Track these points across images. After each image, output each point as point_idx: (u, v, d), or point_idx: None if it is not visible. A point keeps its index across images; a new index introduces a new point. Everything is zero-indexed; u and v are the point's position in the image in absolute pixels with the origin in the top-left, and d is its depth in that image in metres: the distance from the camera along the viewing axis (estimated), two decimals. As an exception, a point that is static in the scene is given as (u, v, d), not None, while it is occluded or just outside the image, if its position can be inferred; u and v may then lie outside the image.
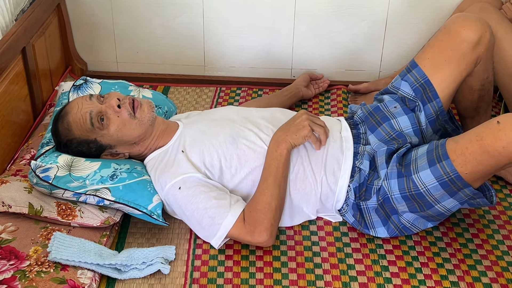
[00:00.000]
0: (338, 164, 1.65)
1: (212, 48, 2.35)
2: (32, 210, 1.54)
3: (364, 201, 1.62)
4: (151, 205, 1.59)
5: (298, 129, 1.61)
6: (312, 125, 1.61)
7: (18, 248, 1.47)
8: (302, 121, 1.62)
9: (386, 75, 2.33)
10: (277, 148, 1.60)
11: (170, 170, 1.61)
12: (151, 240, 1.63)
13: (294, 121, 1.64)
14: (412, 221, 1.60)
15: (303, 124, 1.61)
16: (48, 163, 1.58)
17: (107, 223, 1.58)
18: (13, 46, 1.85)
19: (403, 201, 1.55)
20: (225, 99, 2.28)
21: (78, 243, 1.49)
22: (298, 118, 1.63)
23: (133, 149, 1.67)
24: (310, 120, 1.62)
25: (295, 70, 2.38)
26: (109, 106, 1.61)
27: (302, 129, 1.60)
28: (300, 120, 1.62)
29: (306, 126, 1.60)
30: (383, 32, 2.28)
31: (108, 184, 1.58)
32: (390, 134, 1.67)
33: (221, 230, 1.54)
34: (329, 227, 1.67)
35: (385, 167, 1.59)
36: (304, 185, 1.64)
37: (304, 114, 1.64)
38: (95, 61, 2.40)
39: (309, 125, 1.61)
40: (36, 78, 2.03)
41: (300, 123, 1.62)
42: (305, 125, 1.61)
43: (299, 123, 1.62)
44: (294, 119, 1.65)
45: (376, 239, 1.63)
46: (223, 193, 1.58)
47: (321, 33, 2.30)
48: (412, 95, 1.69)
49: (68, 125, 1.61)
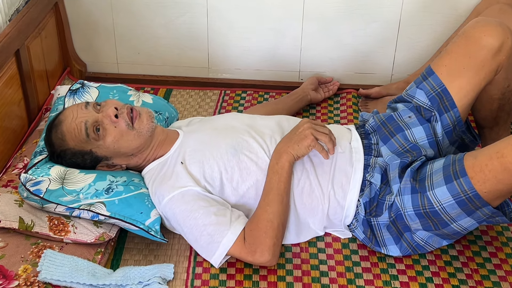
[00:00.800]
0: (346, 177, 1.56)
1: (216, 49, 2.27)
2: (23, 225, 1.47)
3: (375, 217, 1.53)
4: (148, 221, 1.50)
5: (300, 139, 1.52)
6: (316, 134, 1.52)
7: (6, 266, 1.39)
8: (304, 130, 1.53)
9: (399, 79, 2.25)
10: (278, 160, 1.51)
11: (168, 183, 1.52)
12: (148, 257, 1.55)
13: (296, 130, 1.55)
14: (426, 239, 1.51)
15: (305, 134, 1.52)
16: (40, 176, 1.49)
17: (102, 239, 1.49)
18: (5, 49, 1.77)
19: (417, 218, 1.46)
20: (230, 103, 2.19)
21: (71, 261, 1.42)
22: (300, 127, 1.54)
23: (130, 160, 1.59)
24: (313, 129, 1.53)
25: (303, 73, 2.30)
26: (106, 116, 1.52)
27: (304, 138, 1.51)
28: (302, 129, 1.53)
29: (309, 135, 1.51)
30: (395, 33, 2.19)
31: (103, 198, 1.50)
32: (403, 146, 1.57)
33: (220, 249, 1.45)
34: (337, 244, 1.58)
35: (398, 182, 1.50)
36: (310, 199, 1.55)
37: (307, 123, 1.54)
38: (94, 62, 2.34)
39: (312, 133, 1.51)
40: (31, 81, 1.96)
41: (302, 132, 1.53)
42: (307, 134, 1.51)
43: (301, 133, 1.53)
44: (296, 128, 1.55)
45: (388, 258, 1.55)
46: (223, 209, 1.49)
47: (331, 34, 2.22)
48: (428, 104, 1.60)
49: (62, 135, 1.53)
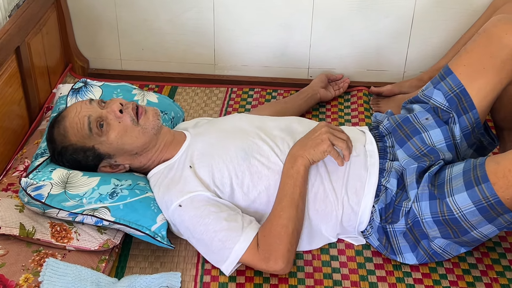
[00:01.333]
0: (361, 182, 1.50)
1: (223, 45, 2.21)
2: (24, 231, 1.41)
3: (391, 224, 1.47)
4: (154, 226, 1.45)
5: (316, 143, 1.46)
6: (333, 139, 1.46)
7: (7, 275, 1.34)
8: (321, 134, 1.47)
9: (411, 76, 2.19)
10: (293, 164, 1.45)
11: (176, 188, 1.46)
12: (154, 264, 1.49)
13: (312, 134, 1.49)
14: (443, 247, 1.45)
15: (322, 138, 1.46)
16: (41, 180, 1.43)
17: (106, 246, 1.44)
18: (5, 46, 1.71)
19: (435, 225, 1.40)
20: (237, 101, 2.13)
21: (74, 270, 1.36)
22: (317, 131, 1.48)
23: (134, 160, 1.53)
24: (330, 133, 1.47)
25: (312, 70, 2.23)
26: (110, 111, 1.47)
27: (320, 143, 1.45)
28: (319, 134, 1.47)
29: (326, 140, 1.45)
30: (408, 29, 2.12)
31: (108, 202, 1.44)
32: (421, 149, 1.51)
33: (232, 256, 1.39)
34: (351, 251, 1.53)
35: (416, 187, 1.43)
36: (324, 205, 1.49)
37: (324, 127, 1.48)
38: (97, 59, 2.28)
39: (328, 138, 1.45)
40: (32, 79, 1.89)
41: (319, 136, 1.47)
42: (324, 138, 1.45)
43: (318, 137, 1.47)
44: (313, 132, 1.49)
45: (404, 266, 1.49)
46: (234, 214, 1.43)
47: (341, 30, 2.15)
48: (446, 106, 1.53)
49: (64, 130, 1.48)
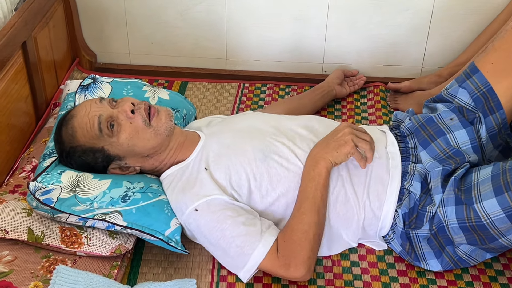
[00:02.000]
0: (383, 185, 1.44)
1: (234, 39, 2.15)
2: (32, 236, 1.35)
3: (415, 229, 1.41)
4: (168, 231, 1.39)
5: (339, 145, 1.40)
6: (356, 141, 1.40)
7: (15, 283, 1.28)
8: (344, 135, 1.41)
9: (429, 72, 2.13)
10: (315, 167, 1.39)
11: (191, 191, 1.40)
12: (168, 270, 1.44)
13: (335, 135, 1.43)
14: (469, 253, 1.40)
15: (346, 139, 1.40)
16: (50, 183, 1.38)
17: (118, 251, 1.38)
18: (12, 41, 1.65)
19: (461, 232, 1.35)
20: (249, 97, 2.07)
21: (85, 278, 1.30)
22: (340, 132, 1.42)
23: (145, 162, 1.47)
24: (354, 135, 1.41)
25: (327, 65, 2.17)
26: (122, 111, 1.41)
27: (344, 145, 1.39)
28: (342, 135, 1.41)
29: (349, 142, 1.39)
30: (427, 23, 2.06)
31: (119, 207, 1.38)
32: (445, 151, 1.45)
33: (251, 262, 1.34)
34: (372, 256, 1.47)
35: (441, 192, 1.37)
36: (345, 209, 1.43)
37: (347, 127, 1.42)
38: (105, 53, 2.22)
39: (352, 140, 1.40)
40: (39, 74, 1.84)
41: (342, 138, 1.41)
42: (348, 140, 1.40)
43: (341, 138, 1.41)
44: (335, 133, 1.43)
45: (428, 273, 1.43)
46: (252, 218, 1.38)
47: (357, 24, 2.09)
48: (472, 105, 1.47)
49: (72, 130, 1.42)
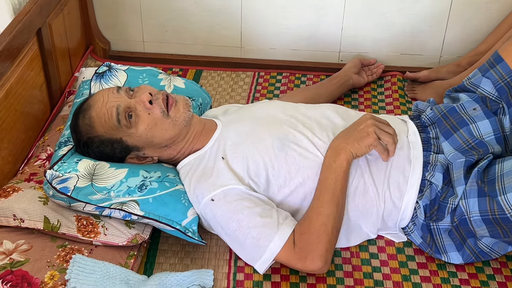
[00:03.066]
0: (404, 176, 1.42)
1: (250, 27, 2.13)
2: (48, 225, 1.35)
3: (436, 221, 1.39)
4: (185, 221, 1.38)
5: (361, 136, 1.37)
6: (379, 133, 1.38)
7: (31, 272, 1.27)
8: (366, 127, 1.38)
9: (448, 61, 2.10)
10: (336, 158, 1.37)
11: (208, 181, 1.39)
12: (184, 260, 1.43)
13: (357, 126, 1.40)
14: (491, 246, 1.37)
15: (368, 131, 1.38)
16: (67, 172, 1.37)
17: (135, 241, 1.37)
18: (27, 27, 1.63)
19: (484, 224, 1.32)
20: (264, 86, 2.05)
21: (102, 267, 1.29)
22: (362, 123, 1.40)
23: (163, 152, 1.45)
24: (376, 127, 1.38)
25: (343, 54, 2.14)
26: (139, 101, 1.40)
27: (366, 137, 1.37)
28: (365, 126, 1.39)
29: (371, 134, 1.37)
30: (447, 11, 2.02)
31: (136, 196, 1.37)
32: (468, 142, 1.42)
33: (267, 254, 1.32)
34: (391, 248, 1.45)
35: (463, 183, 1.35)
36: (364, 200, 1.41)
37: (370, 119, 1.40)
38: (119, 40, 2.20)
39: (374, 132, 1.37)
40: (53, 61, 1.82)
41: (364, 129, 1.38)
42: (370, 132, 1.37)
43: (363, 130, 1.38)
44: (357, 124, 1.41)
45: (449, 265, 1.41)
46: (269, 209, 1.36)
47: (375, 12, 2.06)
48: (495, 95, 1.44)
49: (90, 120, 1.40)
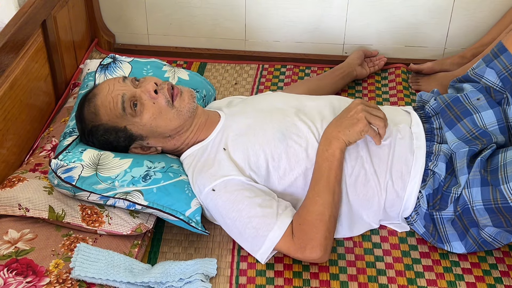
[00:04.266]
0: (407, 166, 1.44)
1: (254, 19, 2.14)
2: (53, 214, 1.37)
3: (439, 211, 1.40)
4: (189, 211, 1.40)
5: (352, 123, 1.39)
6: (369, 117, 1.39)
7: (36, 261, 1.30)
8: (356, 113, 1.40)
9: (452, 53, 2.11)
10: (328, 147, 1.39)
11: (209, 171, 1.41)
12: (188, 249, 1.45)
13: (347, 113, 1.42)
14: (494, 235, 1.38)
15: (358, 117, 1.39)
16: (71, 162, 1.39)
17: (139, 231, 1.39)
18: (32, 19, 1.65)
19: (487, 214, 1.33)
20: (268, 79, 2.06)
21: (106, 256, 1.32)
22: (352, 109, 1.41)
23: (167, 143, 1.47)
24: (367, 112, 1.40)
25: (347, 46, 2.15)
26: (145, 91, 1.42)
27: (356, 123, 1.38)
28: (355, 112, 1.40)
29: (362, 119, 1.38)
30: (451, 3, 2.04)
31: (141, 186, 1.39)
32: (472, 131, 1.43)
33: (267, 244, 1.34)
34: (394, 238, 1.47)
35: (466, 173, 1.36)
36: (365, 190, 1.43)
37: (360, 105, 1.41)
38: (123, 33, 2.22)
39: (365, 117, 1.38)
40: (58, 54, 1.84)
41: (354, 115, 1.40)
42: (360, 117, 1.39)
43: (353, 116, 1.40)
44: (348, 111, 1.43)
45: (451, 255, 1.42)
46: (269, 199, 1.38)
47: (379, 4, 2.07)
48: (499, 86, 1.46)
49: (95, 108, 1.42)
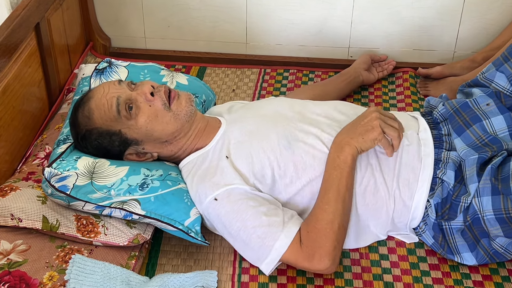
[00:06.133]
0: (414, 174, 1.43)
1: (255, 22, 2.14)
2: (47, 225, 1.36)
3: (448, 220, 1.39)
4: (188, 220, 1.39)
5: (366, 130, 1.38)
6: (384, 126, 1.38)
7: (29, 273, 1.29)
8: (371, 120, 1.39)
9: (462, 57, 2.11)
10: (340, 153, 1.38)
11: (211, 180, 1.40)
12: (187, 261, 1.43)
13: (361, 120, 1.41)
14: (505, 246, 1.37)
15: (373, 125, 1.38)
16: (66, 170, 1.38)
17: (136, 241, 1.38)
18: (25, 22, 1.65)
19: (498, 224, 1.32)
20: (271, 84, 2.06)
21: (102, 268, 1.31)
22: (367, 116, 1.41)
23: (163, 148, 1.46)
24: (381, 120, 1.39)
25: (353, 50, 2.15)
26: (141, 93, 1.42)
27: (371, 130, 1.38)
28: (369, 120, 1.39)
29: (376, 127, 1.37)
30: (460, 5, 2.03)
31: (138, 195, 1.38)
32: (481, 138, 1.42)
33: (273, 254, 1.33)
34: (402, 249, 1.45)
35: (476, 181, 1.35)
36: (375, 199, 1.42)
37: (375, 112, 1.41)
38: (120, 37, 2.23)
39: (380, 125, 1.38)
40: (52, 58, 1.84)
41: (369, 123, 1.39)
42: (375, 125, 1.38)
43: (368, 123, 1.39)
44: (362, 117, 1.42)
45: (462, 267, 1.41)
46: (274, 208, 1.37)
47: (386, 5, 2.07)
48: (510, 90, 1.45)
49: (89, 112, 1.42)
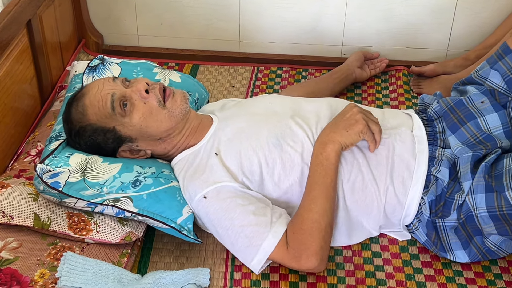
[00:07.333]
0: (408, 171, 1.44)
1: (249, 19, 2.16)
2: (38, 222, 1.36)
3: (441, 218, 1.41)
4: (180, 218, 1.40)
5: (350, 124, 1.40)
6: (367, 120, 1.41)
7: (20, 271, 1.29)
8: (353, 114, 1.41)
9: (455, 55, 2.13)
10: (323, 150, 1.40)
11: (201, 177, 1.41)
12: (180, 259, 1.45)
13: (343, 115, 1.43)
14: (498, 244, 1.39)
15: (356, 118, 1.40)
16: (58, 166, 1.39)
17: (128, 239, 1.39)
18: (16, 19, 1.66)
19: (491, 221, 1.34)
20: (264, 81, 2.07)
21: (94, 265, 1.31)
22: (349, 111, 1.43)
23: (157, 146, 1.48)
24: (363, 114, 1.41)
25: (346, 47, 2.17)
26: (136, 90, 1.43)
27: (355, 124, 1.40)
28: (352, 114, 1.42)
29: (360, 120, 1.39)
30: (454, 3, 2.06)
31: (130, 192, 1.39)
32: (476, 136, 1.44)
33: (260, 253, 1.34)
34: (395, 247, 1.47)
35: (470, 178, 1.37)
36: (364, 195, 1.43)
37: (355, 107, 1.44)
38: (112, 34, 2.24)
39: (363, 118, 1.39)
40: (44, 55, 1.85)
41: (352, 117, 1.41)
42: (358, 118, 1.40)
43: (351, 117, 1.41)
44: (344, 113, 1.44)
45: (454, 264, 1.43)
46: (263, 207, 1.38)
47: (379, 4, 2.09)
48: (504, 88, 1.47)
49: (83, 108, 1.43)
